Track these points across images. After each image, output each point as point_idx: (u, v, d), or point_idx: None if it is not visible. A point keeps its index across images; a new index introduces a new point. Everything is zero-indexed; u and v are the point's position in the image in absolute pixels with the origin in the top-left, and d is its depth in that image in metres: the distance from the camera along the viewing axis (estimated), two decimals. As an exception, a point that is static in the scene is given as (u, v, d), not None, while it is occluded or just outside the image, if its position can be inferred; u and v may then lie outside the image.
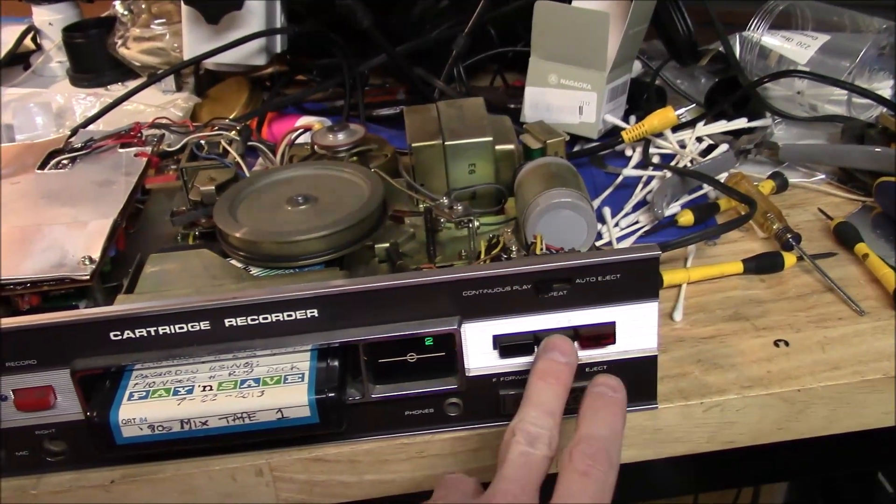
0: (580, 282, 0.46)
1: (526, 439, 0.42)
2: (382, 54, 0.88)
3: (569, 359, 0.46)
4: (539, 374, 0.45)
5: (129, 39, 0.94)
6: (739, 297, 0.60)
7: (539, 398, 0.44)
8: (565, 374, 0.45)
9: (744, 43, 0.83)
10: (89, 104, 0.87)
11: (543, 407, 0.43)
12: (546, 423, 0.42)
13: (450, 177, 0.64)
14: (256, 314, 0.46)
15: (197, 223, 0.61)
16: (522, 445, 0.41)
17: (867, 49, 0.76)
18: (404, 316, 0.46)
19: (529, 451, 0.41)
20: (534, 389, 0.44)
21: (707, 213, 0.69)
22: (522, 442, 0.41)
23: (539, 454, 0.41)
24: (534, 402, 0.43)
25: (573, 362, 0.46)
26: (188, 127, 0.71)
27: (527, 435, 0.42)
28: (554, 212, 0.56)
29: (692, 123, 0.80)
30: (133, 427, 0.45)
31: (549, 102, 0.80)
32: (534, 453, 0.41)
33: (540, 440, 0.42)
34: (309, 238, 0.53)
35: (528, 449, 0.41)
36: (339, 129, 0.66)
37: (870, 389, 0.52)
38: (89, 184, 0.63)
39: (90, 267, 0.52)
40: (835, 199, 0.72)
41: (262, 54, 0.88)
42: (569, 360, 0.46)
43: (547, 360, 0.46)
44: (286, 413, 0.45)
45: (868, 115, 0.78)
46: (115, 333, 0.46)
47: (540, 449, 0.41)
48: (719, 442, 0.52)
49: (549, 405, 0.43)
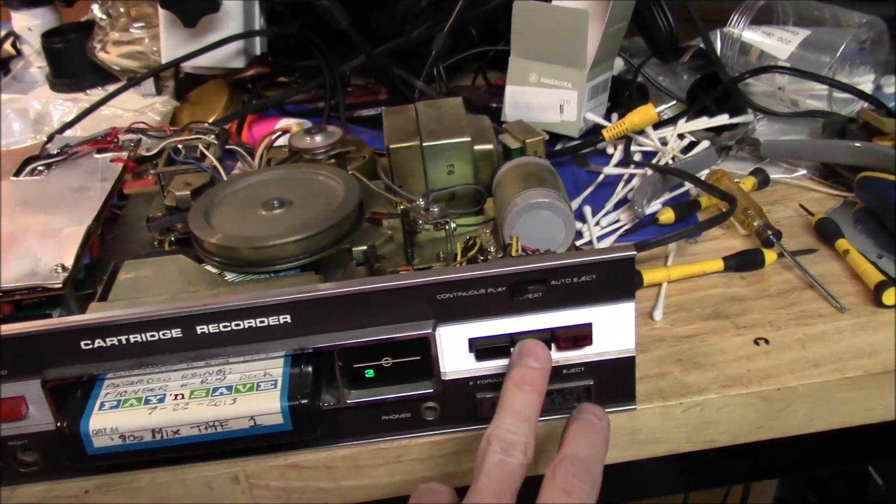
0: (555, 283, 0.46)
1: (501, 447, 0.41)
2: (362, 55, 0.88)
3: (543, 364, 0.46)
4: (514, 380, 0.45)
5: (108, 43, 0.94)
6: (720, 295, 0.60)
7: (514, 405, 0.43)
8: (540, 380, 0.45)
9: (725, 39, 0.83)
10: (67, 110, 0.87)
11: (519, 414, 0.43)
12: (521, 430, 0.42)
13: (428, 178, 0.64)
14: (228, 321, 0.45)
15: (173, 229, 0.60)
16: (498, 454, 0.41)
17: (847, 43, 0.76)
18: (379, 320, 0.46)
19: (505, 459, 0.41)
20: (509, 396, 0.44)
21: (688, 211, 0.69)
22: (498, 451, 0.41)
23: (515, 462, 0.41)
24: (509, 410, 0.43)
25: (547, 367, 0.46)
26: (166, 131, 0.71)
27: (502, 443, 0.41)
28: (531, 212, 0.56)
29: (674, 120, 0.80)
30: (104, 437, 0.44)
31: (530, 101, 0.80)
32: (510, 462, 0.41)
33: (516, 447, 0.41)
34: (283, 242, 0.52)
35: (504, 458, 0.41)
36: (316, 132, 0.65)
37: (850, 387, 0.52)
38: (65, 190, 0.62)
39: (63, 275, 0.52)
40: (816, 194, 0.72)
41: (240, 57, 0.88)
42: (543, 365, 0.45)
43: (521, 366, 0.45)
44: (259, 420, 0.45)
45: (849, 110, 0.78)
46: (85, 342, 0.45)
47: (516, 457, 0.41)
48: (699, 442, 0.52)
49: (524, 412, 0.43)
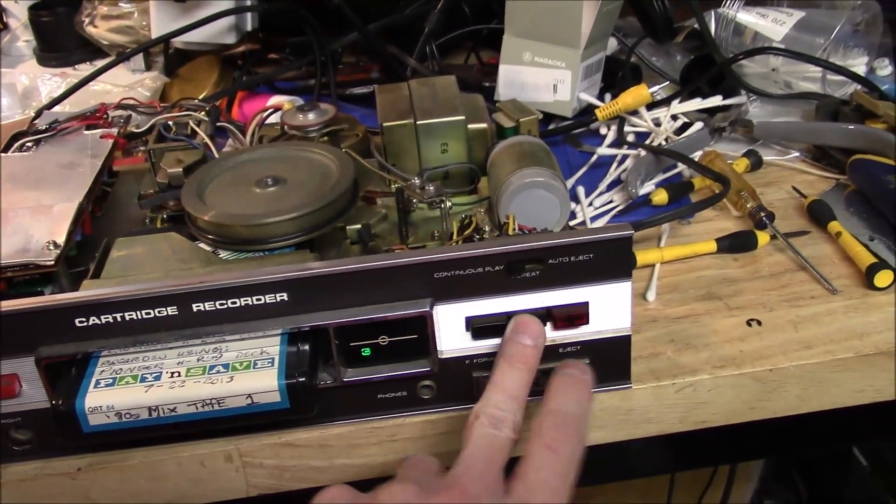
0: (553, 262, 0.46)
1: (490, 422, 0.42)
2: (355, 31, 0.87)
3: (536, 341, 0.46)
4: (506, 356, 0.45)
5: (96, 17, 0.93)
6: (713, 277, 0.60)
7: (504, 381, 0.43)
8: (532, 358, 0.45)
9: (719, 19, 0.83)
10: (55, 84, 0.85)
11: (509, 391, 0.43)
12: (510, 407, 0.42)
13: (422, 156, 0.64)
14: (225, 298, 0.45)
15: (165, 206, 0.60)
16: (486, 427, 0.41)
17: (842, 25, 0.76)
18: (376, 298, 0.46)
19: (493, 433, 0.41)
20: (500, 372, 0.44)
21: (681, 192, 0.69)
22: (486, 424, 0.41)
23: (503, 436, 0.41)
24: (499, 386, 0.43)
25: (541, 344, 0.46)
26: (156, 108, 0.70)
27: (491, 418, 0.42)
28: (527, 191, 0.56)
29: (667, 101, 0.80)
30: (100, 415, 0.44)
31: (524, 80, 0.80)
32: (498, 435, 0.41)
33: (504, 423, 0.42)
34: (278, 220, 0.52)
35: (493, 431, 0.41)
36: (309, 109, 0.65)
37: (841, 368, 0.52)
38: (54, 167, 0.61)
39: (55, 252, 0.51)
40: (809, 176, 0.72)
41: (231, 32, 0.87)
42: (536, 342, 0.46)
43: (514, 342, 0.45)
44: (256, 399, 0.44)
45: (842, 92, 0.78)
46: (80, 320, 0.45)
47: (504, 432, 0.41)
48: (692, 422, 0.52)
49: (514, 389, 0.43)
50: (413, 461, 0.44)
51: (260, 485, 0.51)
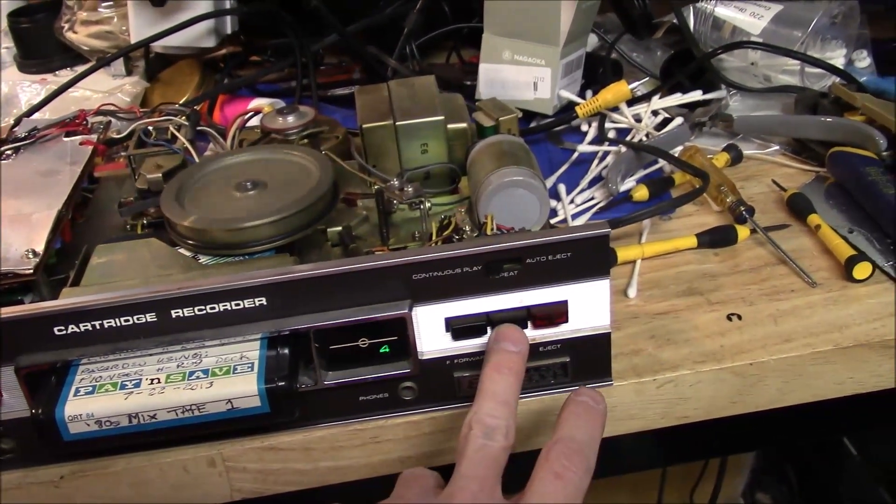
0: (531, 261, 0.46)
1: (483, 431, 0.41)
2: (335, 33, 0.87)
3: (520, 347, 0.46)
4: (492, 365, 0.45)
5: (76, 23, 0.92)
6: (693, 272, 0.60)
7: (493, 389, 0.43)
8: (517, 364, 0.45)
9: (698, 14, 0.83)
10: (35, 91, 0.85)
11: (498, 398, 0.43)
12: (502, 413, 0.42)
13: (402, 157, 0.63)
14: (203, 304, 0.45)
15: (145, 213, 0.59)
16: (480, 438, 0.41)
17: (819, 18, 0.77)
18: (355, 301, 0.46)
19: (487, 443, 0.41)
20: (487, 381, 0.44)
21: (662, 188, 0.69)
22: (479, 435, 0.41)
23: (497, 445, 0.41)
24: (488, 394, 0.43)
25: (524, 350, 0.46)
26: (135, 113, 0.70)
27: (484, 427, 0.42)
28: (506, 190, 0.56)
29: (647, 97, 0.80)
30: (80, 423, 0.44)
31: (504, 79, 0.80)
32: (491, 445, 0.41)
33: (497, 431, 0.42)
34: (258, 224, 0.52)
35: (486, 441, 0.41)
36: (288, 112, 0.65)
37: (822, 361, 0.52)
38: (33, 174, 0.61)
39: (34, 260, 0.51)
40: (789, 170, 0.72)
41: (211, 36, 0.87)
42: (520, 348, 0.46)
43: (499, 350, 0.45)
44: (236, 403, 0.44)
45: (821, 85, 0.78)
46: (59, 328, 0.45)
47: (497, 440, 0.41)
48: (673, 417, 0.53)
49: (503, 395, 0.43)
50: (409, 477, 0.43)
51: (244, 489, 0.51)
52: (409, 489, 0.43)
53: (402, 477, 0.44)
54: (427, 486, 0.42)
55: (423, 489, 0.42)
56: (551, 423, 0.51)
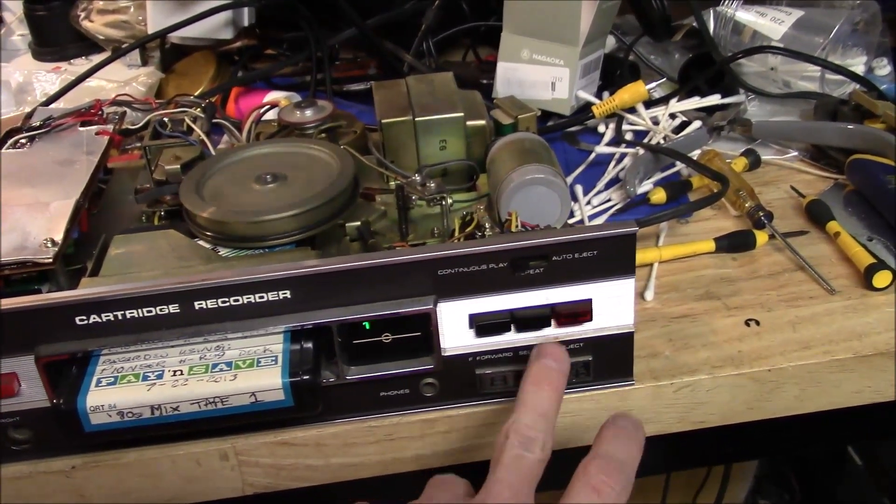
0: (557, 259, 0.46)
1: (520, 442, 0.41)
2: (352, 27, 0.87)
3: (561, 365, 0.45)
4: (532, 378, 0.44)
5: (92, 12, 0.92)
6: (711, 276, 0.60)
7: (533, 401, 0.43)
8: (558, 379, 0.45)
9: (718, 18, 0.83)
10: (50, 80, 0.85)
11: (537, 410, 0.42)
12: (541, 425, 0.42)
13: (420, 153, 0.63)
14: (227, 296, 0.45)
15: (162, 201, 0.59)
16: (516, 448, 0.41)
17: (841, 25, 0.76)
18: (379, 296, 0.46)
19: (523, 454, 0.41)
20: (527, 393, 0.43)
21: (679, 191, 0.69)
22: (517, 444, 0.41)
23: (533, 457, 0.41)
24: (527, 405, 0.43)
25: (565, 369, 0.46)
26: (151, 104, 0.69)
27: (521, 437, 0.41)
28: (528, 188, 0.56)
29: (665, 100, 0.80)
30: (102, 414, 0.44)
31: (522, 78, 0.79)
32: (528, 456, 0.41)
33: (535, 443, 0.41)
34: (279, 217, 0.52)
35: (522, 452, 0.41)
36: (306, 106, 0.64)
37: (840, 369, 0.52)
38: (50, 163, 0.61)
39: (53, 250, 0.51)
40: (807, 176, 0.72)
41: (228, 28, 0.86)
42: (561, 366, 0.45)
43: (539, 366, 0.45)
44: (260, 397, 0.44)
45: (841, 92, 0.78)
46: (80, 318, 0.44)
47: (534, 452, 0.41)
48: (690, 422, 0.52)
49: (542, 408, 0.43)
50: (439, 482, 0.43)
51: (256, 483, 0.51)
52: (441, 491, 0.42)
53: (433, 480, 0.43)
54: (458, 492, 0.42)
55: (454, 493, 0.42)
56: (571, 423, 0.51)
